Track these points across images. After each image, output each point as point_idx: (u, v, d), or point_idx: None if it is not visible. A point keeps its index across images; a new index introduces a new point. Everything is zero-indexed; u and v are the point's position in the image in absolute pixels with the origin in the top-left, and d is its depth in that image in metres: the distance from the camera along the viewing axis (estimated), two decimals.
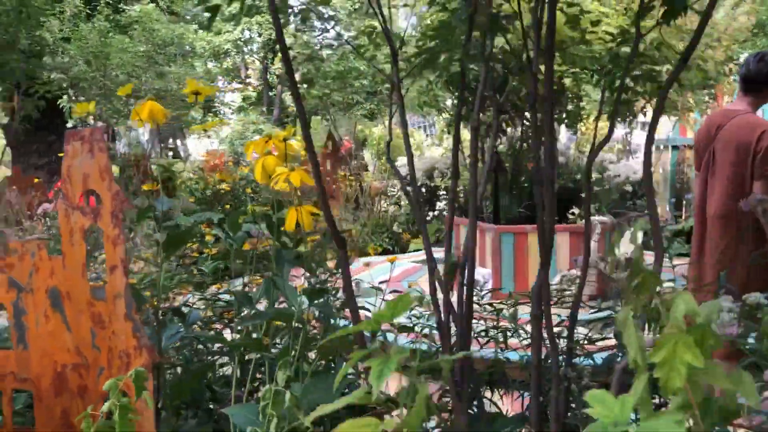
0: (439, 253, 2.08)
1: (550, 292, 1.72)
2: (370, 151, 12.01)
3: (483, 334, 2.56)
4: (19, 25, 4.07)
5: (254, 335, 1.58)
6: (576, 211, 5.05)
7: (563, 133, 12.56)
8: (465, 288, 1.68)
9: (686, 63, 1.34)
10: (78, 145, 1.44)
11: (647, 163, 1.46)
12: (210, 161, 9.87)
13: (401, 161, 10.39)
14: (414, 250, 8.86)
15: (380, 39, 2.77)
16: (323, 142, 10.61)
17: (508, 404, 2.19)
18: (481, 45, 1.89)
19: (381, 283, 2.49)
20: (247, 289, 1.83)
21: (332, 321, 1.73)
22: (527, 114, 5.66)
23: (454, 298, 1.73)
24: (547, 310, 1.64)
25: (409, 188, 6.62)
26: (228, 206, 8.38)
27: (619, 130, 9.07)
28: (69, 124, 9.65)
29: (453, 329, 1.84)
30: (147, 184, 2.76)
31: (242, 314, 1.51)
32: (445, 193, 9.09)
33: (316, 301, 1.37)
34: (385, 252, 9.30)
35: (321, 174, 1.30)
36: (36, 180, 8.31)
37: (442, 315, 1.56)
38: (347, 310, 2.35)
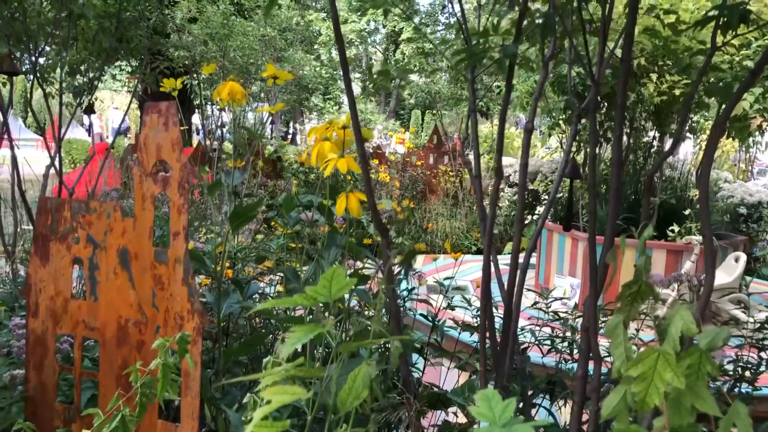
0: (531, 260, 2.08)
1: (597, 306, 1.68)
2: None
3: (548, 342, 2.52)
4: (146, 2, 4.34)
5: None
6: (676, 228, 4.82)
7: (682, 146, 12.01)
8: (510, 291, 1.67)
9: (756, 76, 1.27)
10: (155, 117, 1.55)
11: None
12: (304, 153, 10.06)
13: (506, 161, 10.28)
14: (507, 253, 8.76)
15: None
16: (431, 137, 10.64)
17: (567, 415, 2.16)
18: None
19: (446, 279, 2.50)
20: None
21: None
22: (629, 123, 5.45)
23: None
24: (594, 324, 1.61)
25: (508, 189, 6.59)
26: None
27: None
28: (196, 102, 10.23)
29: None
30: (228, 161, 2.90)
31: (289, 289, 1.57)
32: (547, 197, 8.90)
33: (355, 288, 1.40)
34: (479, 252, 9.24)
35: (367, 163, 1.34)
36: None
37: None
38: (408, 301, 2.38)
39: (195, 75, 8.49)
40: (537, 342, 2.47)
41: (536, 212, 9.00)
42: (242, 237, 2.74)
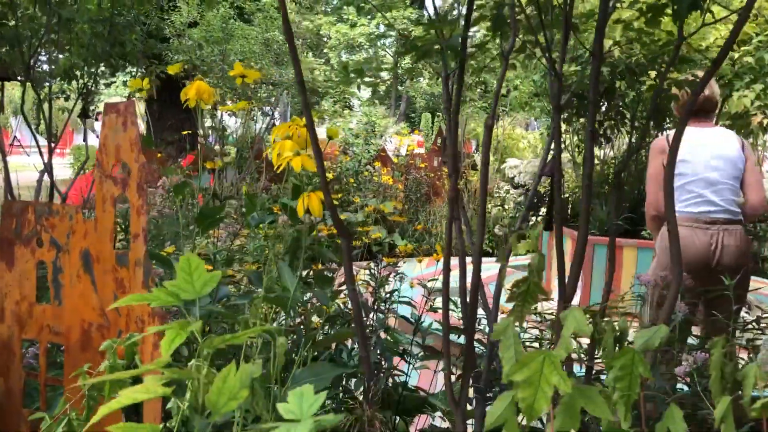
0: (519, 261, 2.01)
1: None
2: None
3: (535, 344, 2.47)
4: (140, 7, 4.33)
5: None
6: None
7: None
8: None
9: (717, 67, 1.23)
10: (114, 117, 1.52)
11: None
12: (322, 150, 10.05)
13: (510, 163, 10.21)
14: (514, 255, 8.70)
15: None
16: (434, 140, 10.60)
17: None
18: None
19: (432, 280, 2.46)
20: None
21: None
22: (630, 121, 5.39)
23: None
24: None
25: (513, 191, 6.52)
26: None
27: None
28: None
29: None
30: (214, 163, 2.86)
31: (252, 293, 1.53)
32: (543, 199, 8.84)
33: (315, 289, 1.37)
34: (484, 255, 9.17)
35: (323, 162, 1.30)
36: (159, 155, 8.85)
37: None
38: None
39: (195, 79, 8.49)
40: (523, 344, 2.41)
41: (540, 213, 8.92)
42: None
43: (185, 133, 9.22)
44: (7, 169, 4.03)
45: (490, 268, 6.91)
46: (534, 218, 9.28)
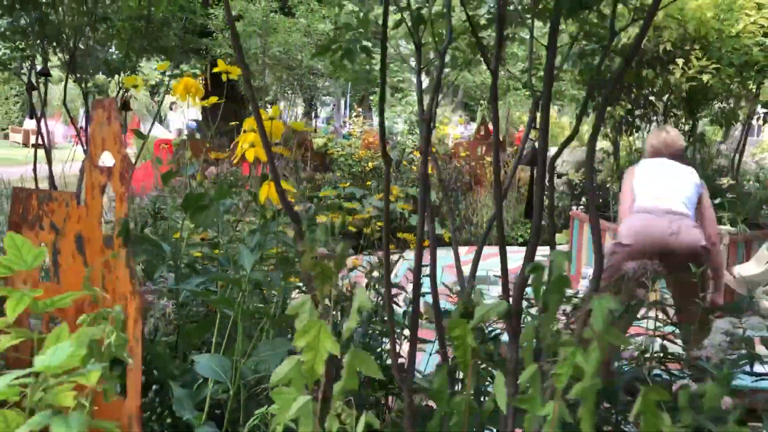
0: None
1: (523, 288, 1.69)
2: None
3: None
4: (175, 4, 4.54)
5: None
6: None
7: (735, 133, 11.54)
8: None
9: (630, 62, 1.28)
10: (100, 112, 1.67)
11: None
12: (365, 139, 10.26)
13: (553, 151, 10.07)
14: (558, 243, 8.68)
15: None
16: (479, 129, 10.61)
17: None
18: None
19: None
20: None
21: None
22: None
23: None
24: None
25: (557, 180, 6.54)
26: (369, 183, 8.70)
27: None
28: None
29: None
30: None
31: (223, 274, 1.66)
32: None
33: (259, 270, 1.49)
34: (525, 243, 9.15)
35: (272, 153, 1.41)
36: (207, 144, 9.18)
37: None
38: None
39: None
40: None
41: (581, 202, 8.83)
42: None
43: (233, 124, 9.48)
44: (51, 160, 4.29)
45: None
46: (575, 208, 9.21)
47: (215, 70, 1.93)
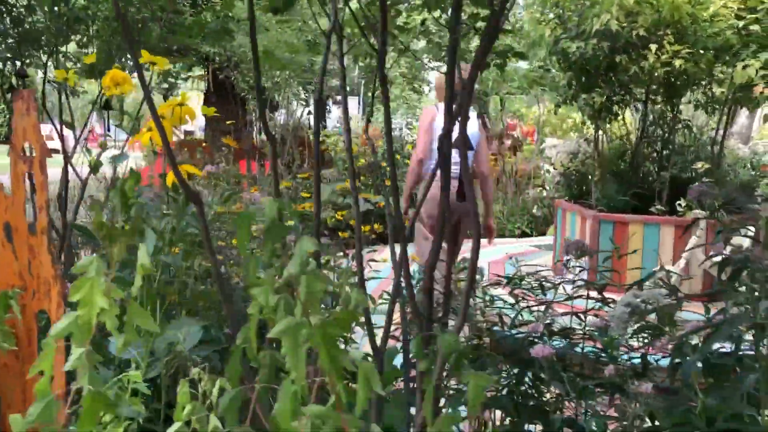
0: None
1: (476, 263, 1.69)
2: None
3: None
4: (157, 3, 4.61)
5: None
6: (683, 202, 4.69)
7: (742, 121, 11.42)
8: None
9: (493, 40, 1.31)
10: (20, 104, 1.73)
11: None
12: (363, 135, 10.30)
13: (549, 142, 10.12)
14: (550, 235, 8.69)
15: None
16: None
17: None
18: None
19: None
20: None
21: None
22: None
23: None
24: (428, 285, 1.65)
25: (553, 171, 6.66)
26: (363, 177, 8.74)
27: None
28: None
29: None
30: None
31: None
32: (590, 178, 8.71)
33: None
34: (523, 235, 9.18)
35: (166, 136, 1.46)
36: (204, 143, 9.26)
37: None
38: None
39: (236, 71, 8.84)
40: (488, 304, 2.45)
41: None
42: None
43: (229, 123, 9.59)
44: (67, 165, 4.36)
45: (519, 248, 6.97)
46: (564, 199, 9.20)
47: (141, 60, 1.98)
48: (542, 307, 2.10)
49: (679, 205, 4.70)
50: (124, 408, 1.29)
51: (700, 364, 1.17)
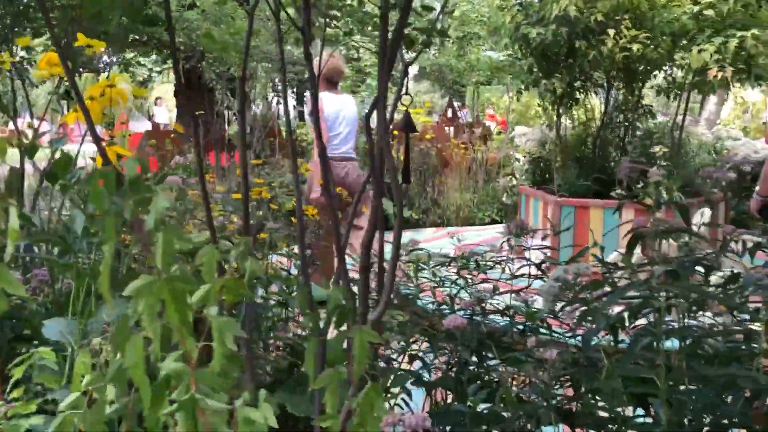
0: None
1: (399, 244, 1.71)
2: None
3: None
4: None
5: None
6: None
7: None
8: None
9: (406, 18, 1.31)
10: None
11: None
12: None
13: (518, 131, 10.16)
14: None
15: None
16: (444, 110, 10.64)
17: None
18: None
19: None
20: None
21: None
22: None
23: None
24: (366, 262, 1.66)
25: (522, 159, 6.67)
26: None
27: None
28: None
29: None
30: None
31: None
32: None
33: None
34: (493, 222, 9.24)
35: (90, 116, 1.45)
36: (172, 135, 9.18)
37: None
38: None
39: (203, 61, 8.77)
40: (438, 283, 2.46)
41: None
42: None
43: (198, 113, 9.51)
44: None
45: (485, 234, 7.02)
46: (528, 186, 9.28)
47: (78, 43, 1.96)
48: (488, 286, 2.13)
49: (638, 189, 4.76)
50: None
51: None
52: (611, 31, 4.55)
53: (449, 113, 10.61)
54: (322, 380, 0.75)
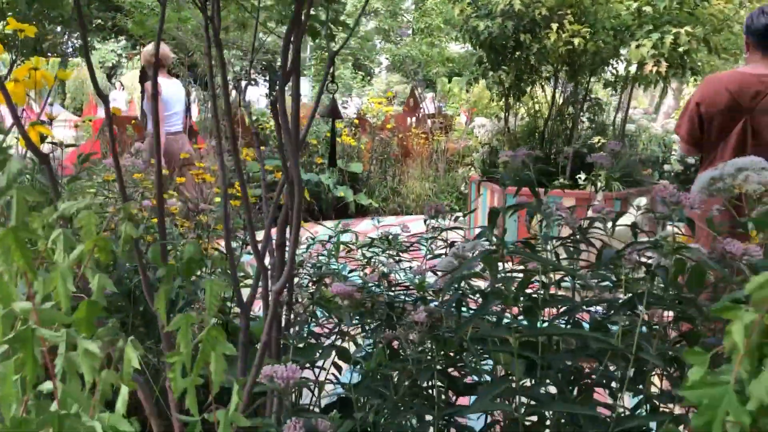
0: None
1: (300, 222, 1.84)
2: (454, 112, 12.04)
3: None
4: None
5: None
6: (584, 176, 4.93)
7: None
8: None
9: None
10: None
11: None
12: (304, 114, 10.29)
13: (478, 122, 10.33)
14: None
15: None
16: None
17: None
18: None
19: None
20: None
21: None
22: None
23: None
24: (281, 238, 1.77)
25: (481, 149, 6.70)
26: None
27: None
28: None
29: None
30: None
31: None
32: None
33: None
34: (451, 211, 9.41)
35: (12, 101, 1.54)
36: (134, 121, 9.17)
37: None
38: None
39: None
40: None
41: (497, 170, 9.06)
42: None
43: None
44: None
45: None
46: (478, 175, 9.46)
47: (8, 28, 2.04)
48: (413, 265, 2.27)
49: (580, 178, 4.94)
50: None
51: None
52: (554, 26, 4.71)
53: (411, 103, 10.71)
54: (176, 323, 0.87)
